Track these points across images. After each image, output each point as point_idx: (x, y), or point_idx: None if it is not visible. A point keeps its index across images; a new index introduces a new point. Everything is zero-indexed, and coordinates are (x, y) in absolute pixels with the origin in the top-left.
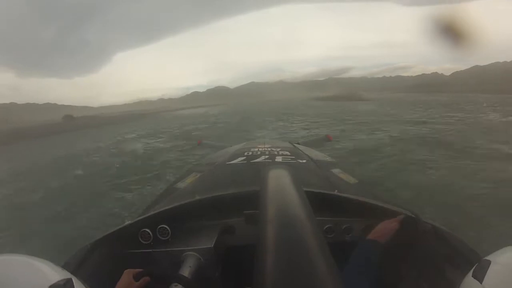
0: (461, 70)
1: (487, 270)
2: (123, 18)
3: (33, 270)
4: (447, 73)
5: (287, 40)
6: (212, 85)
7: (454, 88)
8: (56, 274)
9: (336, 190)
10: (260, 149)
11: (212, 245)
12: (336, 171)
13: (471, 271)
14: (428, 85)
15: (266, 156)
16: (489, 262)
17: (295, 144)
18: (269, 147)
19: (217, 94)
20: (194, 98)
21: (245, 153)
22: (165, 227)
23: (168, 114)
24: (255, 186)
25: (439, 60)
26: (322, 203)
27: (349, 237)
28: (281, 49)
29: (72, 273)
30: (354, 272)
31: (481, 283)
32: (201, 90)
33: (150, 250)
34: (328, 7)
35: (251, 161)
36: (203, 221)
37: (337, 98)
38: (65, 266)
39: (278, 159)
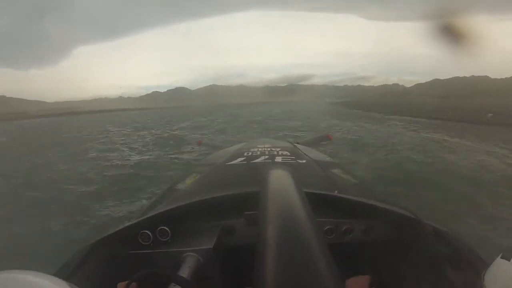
0: (422, 83)
1: None
2: (87, 12)
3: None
4: (408, 85)
5: (250, 45)
6: (172, 86)
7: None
8: (53, 285)
9: (336, 191)
10: (259, 149)
11: (212, 246)
12: (336, 171)
13: (500, 254)
14: None
15: (266, 157)
16: None
17: (295, 144)
18: (268, 147)
19: (177, 94)
20: (154, 98)
21: (245, 153)
22: (165, 229)
23: None
24: (255, 187)
25: (400, 72)
26: (322, 204)
27: (350, 238)
28: (244, 53)
29: (71, 273)
30: None
31: (509, 261)
32: (162, 90)
33: (150, 251)
34: (293, 15)
35: (251, 162)
36: (203, 222)
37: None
38: (65, 266)
39: (278, 159)
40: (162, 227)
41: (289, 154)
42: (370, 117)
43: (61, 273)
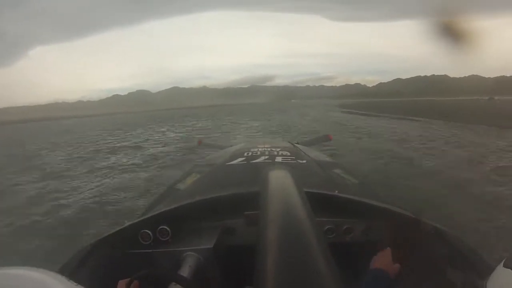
0: (384, 82)
1: None
2: (45, 10)
3: (36, 284)
4: (370, 85)
5: (214, 46)
6: (133, 88)
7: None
8: (62, 285)
9: (336, 191)
10: (260, 149)
11: (212, 246)
12: (336, 171)
13: (502, 262)
14: None
15: (266, 157)
16: None
17: (295, 144)
18: (269, 147)
19: (139, 98)
20: (114, 101)
21: (245, 154)
22: (165, 228)
23: None
24: (255, 187)
25: (362, 72)
26: (323, 203)
27: (350, 238)
28: (207, 55)
29: (72, 273)
30: None
31: None
32: (123, 93)
33: (150, 251)
34: (257, 16)
35: (251, 162)
36: (203, 221)
37: None
38: (65, 266)
39: (278, 159)
40: (163, 227)
41: (289, 154)
42: None
43: (61, 273)
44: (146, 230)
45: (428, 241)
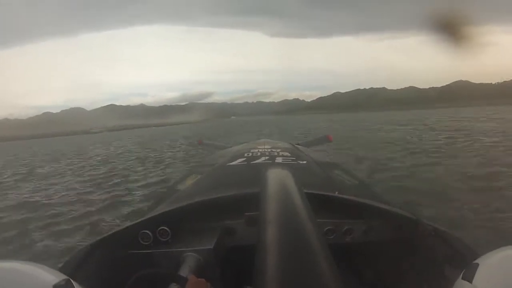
0: (324, 96)
1: (475, 272)
2: None
3: (31, 276)
4: (309, 99)
5: (152, 62)
6: (67, 106)
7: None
8: (55, 277)
9: (336, 192)
10: (260, 150)
11: (212, 246)
12: (336, 172)
13: (461, 274)
14: None
15: (266, 157)
16: (477, 265)
17: (296, 145)
18: (269, 148)
19: (72, 116)
20: (45, 120)
21: (245, 154)
22: (165, 229)
23: None
24: (255, 188)
25: (300, 87)
26: (323, 204)
27: (350, 239)
28: (144, 70)
29: (71, 273)
30: None
31: (471, 283)
32: (55, 111)
33: (150, 251)
34: (197, 31)
35: (251, 162)
36: (203, 222)
37: None
38: (64, 267)
39: (278, 160)
40: (162, 227)
41: (289, 155)
42: None
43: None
44: (146, 231)
45: (428, 241)
